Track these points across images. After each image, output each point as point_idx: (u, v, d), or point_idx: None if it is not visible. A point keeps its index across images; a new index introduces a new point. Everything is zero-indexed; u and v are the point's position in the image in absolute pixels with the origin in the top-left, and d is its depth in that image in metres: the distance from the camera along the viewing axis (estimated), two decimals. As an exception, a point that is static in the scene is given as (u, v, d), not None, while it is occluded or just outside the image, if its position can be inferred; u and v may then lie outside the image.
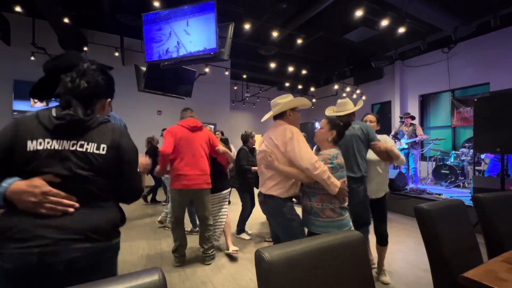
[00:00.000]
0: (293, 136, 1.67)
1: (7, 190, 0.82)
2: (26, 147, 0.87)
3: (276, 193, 1.72)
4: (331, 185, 1.58)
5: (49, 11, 4.98)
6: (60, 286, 0.82)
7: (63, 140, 0.91)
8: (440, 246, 1.30)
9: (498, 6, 4.99)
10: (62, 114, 0.91)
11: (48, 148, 0.89)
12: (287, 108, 1.84)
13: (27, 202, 0.82)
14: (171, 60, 3.76)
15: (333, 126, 1.79)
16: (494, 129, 3.25)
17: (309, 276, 0.81)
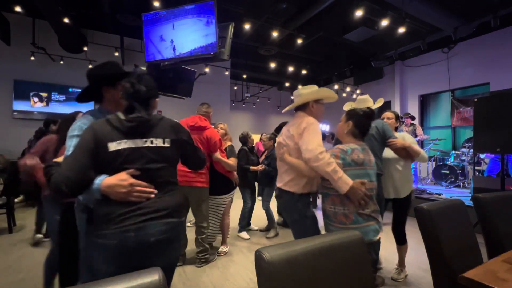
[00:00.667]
0: (307, 126, 1.56)
1: (101, 186, 1.00)
2: (108, 149, 1.04)
3: (291, 189, 1.65)
4: (338, 180, 1.40)
5: (49, 11, 4.97)
6: (150, 255, 1.06)
7: (136, 139, 1.08)
8: (440, 246, 1.30)
9: (498, 6, 4.99)
10: (131, 117, 1.09)
11: (127, 147, 1.06)
12: (310, 100, 1.71)
13: (119, 193, 1.00)
14: (171, 60, 3.76)
15: (350, 117, 1.59)
16: (494, 129, 3.26)
17: (309, 276, 0.81)
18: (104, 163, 1.04)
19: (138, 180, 1.05)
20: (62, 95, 6.75)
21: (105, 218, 1.03)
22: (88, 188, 1.01)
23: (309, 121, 1.61)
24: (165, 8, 3.78)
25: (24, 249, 3.04)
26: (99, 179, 1.02)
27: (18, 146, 6.10)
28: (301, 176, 1.63)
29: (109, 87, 1.26)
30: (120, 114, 1.09)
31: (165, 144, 1.14)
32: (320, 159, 1.42)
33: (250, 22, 5.40)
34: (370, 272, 0.96)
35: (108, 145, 1.04)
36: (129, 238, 1.02)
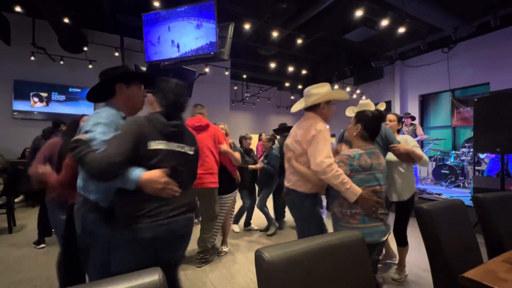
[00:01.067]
0: (316, 134, 1.54)
1: (140, 178, 1.07)
2: (147, 146, 1.13)
3: (300, 189, 1.65)
4: (346, 192, 1.42)
5: (49, 11, 4.97)
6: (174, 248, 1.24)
7: (172, 143, 1.21)
8: (440, 246, 1.30)
9: (498, 6, 4.99)
10: (175, 123, 1.22)
11: (164, 148, 1.17)
12: (323, 101, 1.68)
13: (154, 188, 1.09)
14: (171, 60, 3.76)
15: (358, 119, 1.57)
16: (494, 129, 3.26)
17: (309, 276, 0.81)
18: (140, 158, 1.11)
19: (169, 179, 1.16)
20: (62, 95, 6.75)
21: (137, 213, 1.10)
22: (122, 176, 1.06)
23: (318, 128, 1.57)
24: (165, 8, 3.78)
25: (24, 249, 3.04)
26: (137, 171, 1.08)
27: (18, 146, 6.10)
28: (306, 179, 1.64)
29: (123, 84, 1.31)
30: (160, 117, 1.20)
31: (191, 152, 1.30)
32: (328, 172, 1.43)
33: (250, 22, 5.40)
34: (370, 272, 0.96)
35: (148, 143, 1.13)
36: (162, 231, 1.13)
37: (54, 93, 6.67)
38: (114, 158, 1.01)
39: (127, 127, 1.12)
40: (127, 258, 1.13)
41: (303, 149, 1.61)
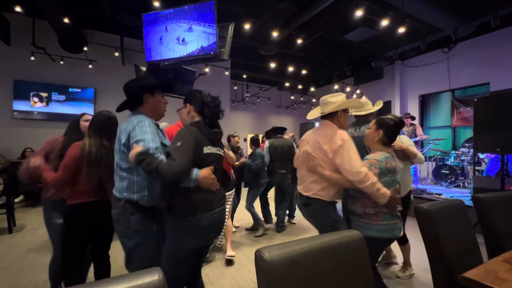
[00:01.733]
0: (343, 144, 1.59)
1: (199, 176, 1.31)
2: (203, 151, 1.38)
3: (322, 198, 1.69)
4: (380, 196, 1.51)
5: (49, 11, 4.97)
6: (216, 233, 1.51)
7: (214, 147, 1.46)
8: (440, 246, 1.30)
9: (498, 6, 4.99)
10: (217, 131, 1.50)
11: (211, 152, 1.43)
12: (340, 109, 1.74)
13: (207, 183, 1.34)
14: (171, 60, 3.76)
15: (380, 125, 1.66)
16: (494, 129, 3.26)
17: (309, 276, 0.81)
18: (198, 160, 1.34)
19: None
20: (62, 95, 6.75)
21: (199, 204, 1.34)
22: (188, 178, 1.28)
23: (343, 137, 1.62)
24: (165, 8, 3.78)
25: (24, 249, 3.04)
26: (196, 171, 1.31)
27: (18, 146, 6.10)
28: (331, 187, 1.68)
29: (148, 94, 1.48)
30: (206, 127, 1.44)
31: (222, 153, 1.55)
32: (366, 181, 1.49)
33: (250, 22, 5.40)
34: (370, 272, 0.96)
35: (203, 148, 1.38)
36: (215, 219, 1.40)
37: (54, 93, 6.67)
38: (184, 165, 1.23)
39: (186, 137, 1.32)
40: (186, 244, 1.36)
41: (328, 158, 1.65)
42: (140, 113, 1.46)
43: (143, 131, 1.30)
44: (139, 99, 1.47)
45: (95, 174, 1.64)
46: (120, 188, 1.38)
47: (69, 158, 1.64)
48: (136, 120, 1.36)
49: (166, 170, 1.19)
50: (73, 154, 1.64)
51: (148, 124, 1.35)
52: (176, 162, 1.21)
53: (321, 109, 1.81)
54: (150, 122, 1.38)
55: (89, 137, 1.70)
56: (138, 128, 1.31)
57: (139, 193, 1.36)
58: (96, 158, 1.64)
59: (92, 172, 1.64)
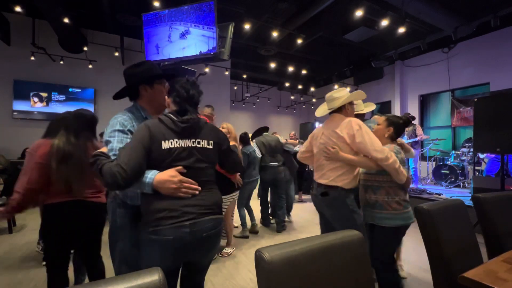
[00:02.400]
0: (360, 128, 1.69)
1: (153, 180, 1.06)
2: (161, 146, 1.11)
3: (340, 184, 1.74)
4: (400, 174, 1.64)
5: (49, 11, 4.97)
6: (201, 250, 1.16)
7: (186, 139, 1.17)
8: (440, 246, 1.29)
9: (498, 6, 4.99)
10: (185, 118, 1.17)
11: (178, 146, 1.14)
12: (347, 102, 1.87)
13: (169, 188, 1.07)
14: (171, 60, 3.76)
15: (390, 123, 1.84)
16: (494, 129, 3.25)
17: (309, 276, 0.81)
18: (156, 159, 1.11)
19: (185, 177, 1.12)
20: (62, 95, 6.75)
21: (159, 214, 1.08)
22: (139, 181, 1.06)
23: (359, 122, 1.72)
24: (165, 8, 3.78)
25: (24, 249, 3.04)
26: (151, 174, 1.08)
27: (18, 146, 6.10)
28: (351, 171, 1.76)
29: (146, 86, 1.32)
30: (172, 116, 1.17)
31: (209, 146, 1.24)
32: (390, 157, 1.62)
33: (250, 22, 5.40)
34: (370, 272, 0.96)
35: (161, 143, 1.12)
36: (184, 233, 1.09)
37: (54, 93, 6.67)
38: (124, 167, 1.01)
39: (136, 133, 1.12)
40: (152, 258, 1.12)
41: (346, 144, 1.73)
42: (135, 107, 1.34)
43: (113, 130, 1.19)
44: (134, 91, 1.33)
45: (63, 172, 1.55)
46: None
47: (38, 157, 1.56)
48: (116, 115, 1.25)
49: (106, 173, 1.01)
50: (43, 152, 1.56)
51: (119, 122, 1.21)
52: (115, 162, 1.03)
53: (329, 105, 1.90)
54: (127, 118, 1.25)
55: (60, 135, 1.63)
56: (109, 127, 1.21)
57: (122, 192, 1.27)
58: (64, 154, 1.56)
59: (60, 169, 1.54)
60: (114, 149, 1.14)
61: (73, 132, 1.66)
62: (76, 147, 1.62)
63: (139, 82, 1.31)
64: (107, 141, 1.17)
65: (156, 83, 1.33)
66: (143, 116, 1.33)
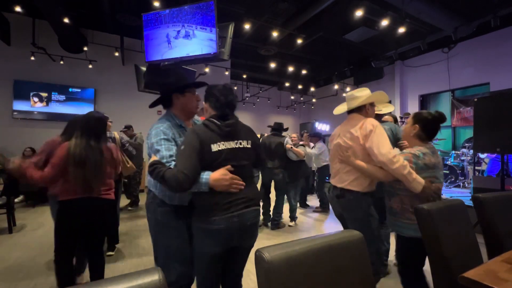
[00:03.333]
0: (374, 129, 1.61)
1: (210, 180, 1.21)
2: (211, 149, 1.26)
3: (355, 188, 1.68)
4: (413, 181, 1.47)
5: (49, 11, 4.97)
6: (245, 237, 1.34)
7: (230, 141, 1.32)
8: (440, 246, 1.29)
9: (498, 6, 4.99)
10: (228, 123, 1.32)
11: (224, 148, 1.29)
12: (368, 102, 1.79)
13: (223, 186, 1.23)
14: (171, 60, 3.76)
15: (416, 120, 1.62)
16: (494, 129, 3.25)
17: (309, 276, 0.81)
18: (208, 161, 1.25)
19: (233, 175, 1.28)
20: (62, 95, 6.75)
21: (213, 207, 1.26)
22: (196, 182, 1.21)
23: (374, 123, 1.64)
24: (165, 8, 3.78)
25: (24, 249, 3.04)
26: (205, 174, 1.23)
27: (18, 146, 6.10)
28: (364, 177, 1.68)
29: (178, 94, 1.46)
30: (215, 121, 1.31)
31: (248, 145, 1.39)
32: (395, 162, 1.48)
33: (250, 22, 5.40)
34: (370, 272, 0.96)
35: (211, 146, 1.26)
36: (233, 222, 1.26)
37: (54, 93, 6.67)
38: (186, 171, 1.16)
39: (188, 139, 1.26)
40: (205, 245, 1.29)
41: (360, 145, 1.66)
42: (167, 114, 1.48)
43: (158, 139, 1.32)
44: (168, 100, 1.47)
45: (80, 174, 1.71)
46: (149, 182, 1.45)
47: (57, 157, 1.71)
48: (154, 126, 1.39)
49: (169, 179, 1.16)
50: (61, 154, 1.71)
51: (162, 131, 1.34)
52: (177, 168, 1.17)
53: (348, 104, 1.83)
54: (167, 127, 1.37)
55: (76, 138, 1.77)
56: (154, 136, 1.34)
57: (162, 192, 1.39)
58: (81, 159, 1.71)
59: (78, 172, 1.71)
60: (165, 157, 1.27)
61: (93, 135, 1.81)
62: (93, 150, 1.77)
63: (172, 91, 1.45)
64: (157, 150, 1.30)
65: (186, 91, 1.46)
66: (178, 123, 1.45)
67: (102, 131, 1.92)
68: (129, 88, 7.01)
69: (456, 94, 7.47)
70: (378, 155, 1.55)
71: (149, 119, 7.55)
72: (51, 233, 3.55)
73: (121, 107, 7.13)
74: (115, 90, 7.30)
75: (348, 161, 1.68)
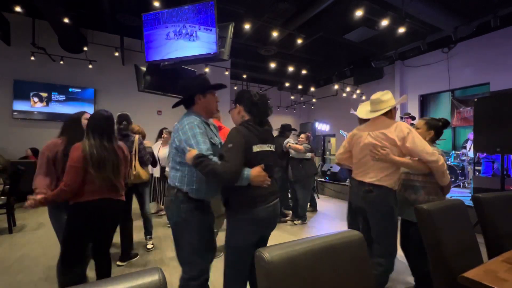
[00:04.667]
0: (410, 131, 1.78)
1: (250, 175, 1.38)
2: (252, 150, 1.44)
3: (386, 183, 1.81)
4: (446, 176, 1.78)
5: (49, 11, 4.98)
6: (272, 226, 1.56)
7: (264, 144, 1.51)
8: (440, 246, 1.29)
9: (498, 6, 4.99)
10: (266, 129, 1.57)
11: (261, 150, 1.48)
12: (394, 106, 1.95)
13: (259, 181, 1.41)
14: (171, 60, 3.76)
15: (431, 127, 1.97)
16: (494, 129, 3.25)
17: (309, 276, 0.81)
18: (248, 159, 1.41)
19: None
20: (62, 95, 6.76)
21: (256, 199, 1.43)
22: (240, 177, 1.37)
23: (407, 126, 1.82)
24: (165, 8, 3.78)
25: (24, 249, 3.04)
26: (246, 170, 1.38)
27: (18, 146, 6.11)
28: (397, 172, 1.85)
29: (200, 95, 1.58)
30: (255, 125, 1.51)
31: (273, 149, 1.60)
32: (439, 159, 1.73)
33: (250, 22, 5.40)
34: (370, 272, 0.96)
35: (252, 147, 1.44)
36: (270, 212, 1.48)
37: (54, 93, 6.67)
38: (237, 167, 1.33)
39: (235, 138, 1.40)
40: (245, 237, 1.45)
41: (396, 146, 1.81)
42: (192, 112, 1.58)
43: (194, 133, 1.42)
44: (191, 99, 1.59)
45: (102, 174, 1.69)
46: (173, 178, 1.51)
47: (73, 160, 1.65)
48: (186, 121, 1.47)
49: (222, 172, 1.29)
50: (77, 156, 1.65)
51: (197, 125, 1.45)
52: (230, 163, 1.32)
53: (376, 107, 1.94)
54: (199, 122, 1.48)
55: (88, 138, 1.72)
56: (189, 130, 1.43)
57: (189, 185, 1.47)
58: (100, 159, 1.68)
59: (100, 173, 1.68)
60: (203, 150, 1.37)
61: (105, 135, 1.78)
62: (109, 150, 1.75)
63: (195, 92, 1.57)
64: (192, 144, 1.39)
65: (208, 93, 1.60)
66: (203, 120, 1.56)
67: (113, 131, 1.88)
68: (129, 88, 7.01)
69: (456, 94, 7.48)
70: (425, 154, 1.73)
71: (149, 119, 7.57)
72: (51, 233, 3.54)
73: (121, 107, 7.11)
74: (115, 90, 7.31)
75: (387, 158, 1.79)
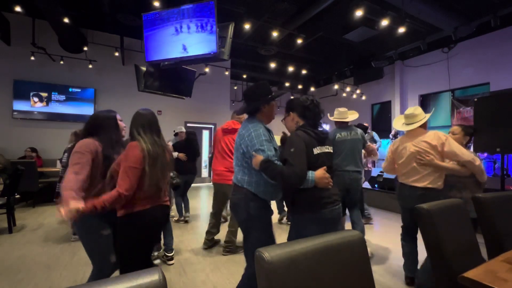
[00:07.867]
0: (447, 138, 2.07)
1: (315, 177, 1.44)
2: (313, 153, 1.50)
3: (435, 186, 2.08)
4: (484, 173, 2.07)
5: (49, 11, 4.97)
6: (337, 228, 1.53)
7: (322, 146, 1.56)
8: (440, 246, 1.30)
9: (498, 6, 4.99)
10: (324, 132, 1.61)
11: (320, 152, 1.53)
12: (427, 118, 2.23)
13: (323, 183, 1.46)
14: (171, 60, 3.76)
15: (467, 133, 2.40)
16: (494, 129, 3.25)
17: (309, 276, 0.81)
18: (309, 162, 1.46)
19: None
20: (62, 95, 6.75)
21: (323, 200, 1.48)
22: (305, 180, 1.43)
23: (443, 134, 2.11)
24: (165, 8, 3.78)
25: (24, 249, 3.04)
26: (310, 173, 1.44)
27: (18, 146, 6.11)
28: (441, 176, 2.11)
29: (265, 104, 1.65)
30: (313, 129, 1.57)
31: (330, 150, 1.63)
32: (477, 160, 2.01)
33: (250, 22, 5.40)
34: (370, 272, 0.96)
35: (313, 150, 1.50)
36: (336, 213, 1.53)
37: (54, 93, 6.67)
38: (302, 170, 1.40)
39: (296, 143, 1.46)
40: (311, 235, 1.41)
41: (438, 151, 2.08)
42: (255, 119, 1.65)
43: (261, 140, 1.51)
44: (258, 108, 1.65)
45: (156, 174, 1.52)
46: (242, 180, 1.60)
47: (133, 161, 1.45)
48: (252, 128, 1.56)
49: (289, 175, 1.38)
50: (136, 156, 1.46)
51: (262, 132, 1.54)
52: (294, 167, 1.38)
53: (411, 120, 2.22)
54: (264, 129, 1.57)
55: (138, 134, 1.55)
56: (255, 137, 1.52)
57: (257, 188, 1.57)
58: (154, 156, 1.52)
59: (154, 172, 1.51)
60: (270, 156, 1.47)
61: (155, 130, 1.63)
62: (160, 147, 1.58)
63: (264, 103, 1.64)
64: (261, 150, 1.49)
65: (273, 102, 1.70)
66: (266, 127, 1.63)
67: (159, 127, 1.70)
68: (129, 88, 7.01)
69: (456, 94, 7.47)
70: (464, 156, 1.99)
71: (149, 119, 7.57)
72: (51, 233, 3.55)
73: (121, 107, 7.11)
74: (115, 90, 7.31)
75: (432, 164, 2.06)
